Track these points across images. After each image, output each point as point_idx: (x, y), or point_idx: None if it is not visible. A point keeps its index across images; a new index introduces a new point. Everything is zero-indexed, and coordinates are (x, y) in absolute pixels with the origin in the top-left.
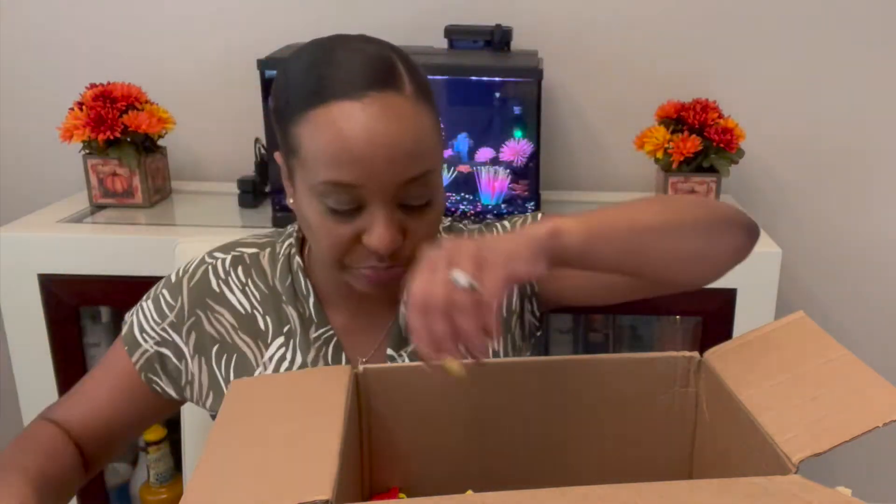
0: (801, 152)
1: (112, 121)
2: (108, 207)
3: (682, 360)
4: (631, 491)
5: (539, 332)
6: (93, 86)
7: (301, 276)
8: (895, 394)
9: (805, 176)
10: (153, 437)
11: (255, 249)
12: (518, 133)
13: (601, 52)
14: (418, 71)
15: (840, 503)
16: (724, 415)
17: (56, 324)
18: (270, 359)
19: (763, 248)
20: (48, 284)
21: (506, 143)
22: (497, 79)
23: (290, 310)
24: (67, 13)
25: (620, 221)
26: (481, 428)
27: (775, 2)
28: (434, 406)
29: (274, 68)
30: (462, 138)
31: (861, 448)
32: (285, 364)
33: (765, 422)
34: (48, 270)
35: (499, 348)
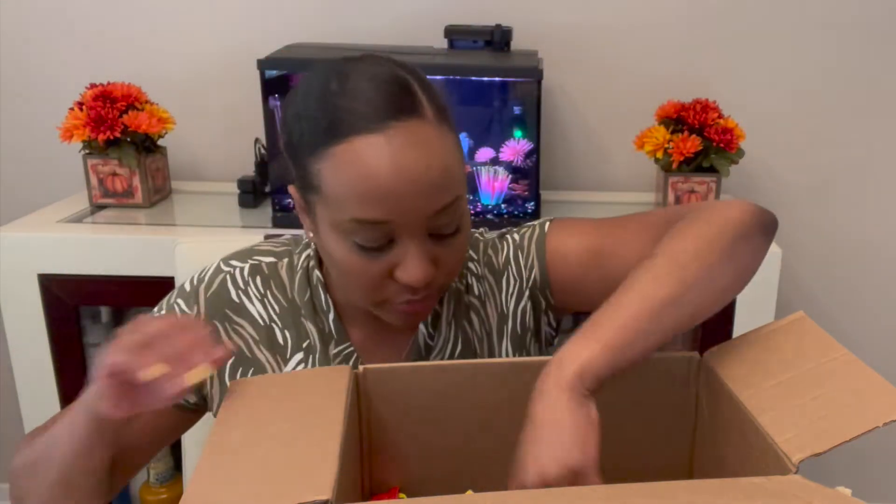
0: (801, 152)
1: (112, 121)
2: (108, 207)
3: (682, 360)
4: (631, 491)
5: (556, 339)
6: (93, 86)
7: (321, 291)
8: (895, 393)
9: (805, 176)
10: None
11: (273, 259)
12: (518, 133)
13: (601, 53)
14: (433, 89)
15: (840, 503)
16: (724, 415)
17: (56, 324)
18: None
19: None
20: (48, 284)
21: (506, 143)
22: (497, 79)
23: (310, 325)
24: (67, 13)
25: (638, 319)
26: (481, 428)
27: (775, 2)
28: (434, 406)
29: (274, 68)
30: (462, 138)
31: (861, 448)
32: None
33: (765, 422)
34: (48, 270)
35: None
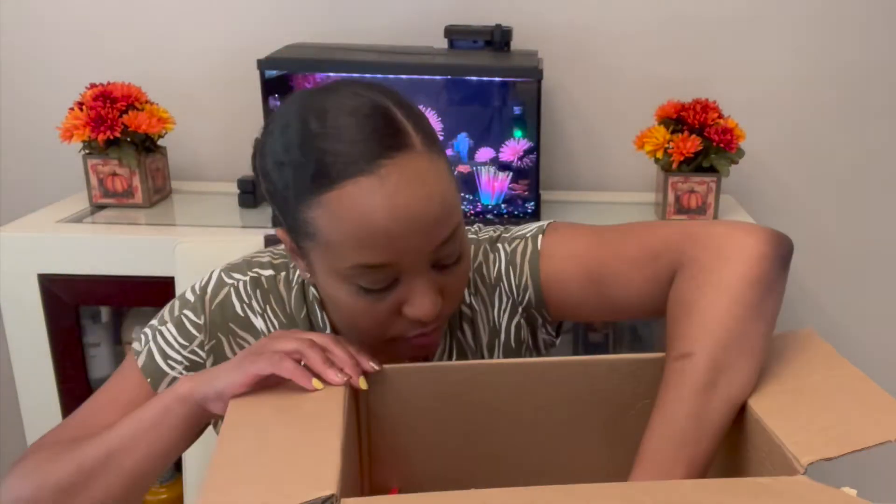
0: (801, 152)
1: (112, 121)
2: (108, 207)
3: None
4: (632, 490)
5: (557, 342)
6: (93, 86)
7: (317, 309)
8: None
9: (805, 176)
10: None
11: (271, 272)
12: (518, 133)
13: (601, 53)
14: (416, 113)
15: None
16: None
17: (56, 324)
18: None
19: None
20: (48, 284)
21: (506, 143)
22: (497, 79)
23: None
24: (68, 13)
25: (696, 452)
26: (481, 428)
27: (775, 2)
28: (433, 407)
29: (274, 68)
30: (462, 138)
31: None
32: None
33: (772, 424)
34: (48, 270)
35: None
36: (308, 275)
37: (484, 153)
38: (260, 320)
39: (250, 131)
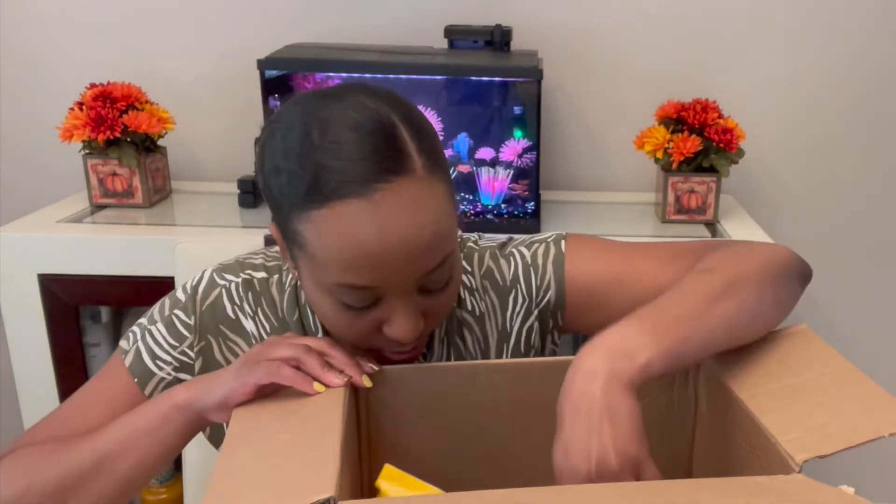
0: (801, 152)
1: (112, 121)
2: (108, 207)
3: None
4: (631, 490)
5: (556, 351)
6: (93, 86)
7: (309, 312)
8: None
9: (805, 176)
10: None
11: (264, 274)
12: (518, 133)
13: (601, 52)
14: (423, 128)
15: (844, 502)
16: (724, 415)
17: (56, 324)
18: None
19: None
20: (48, 284)
21: (506, 143)
22: (497, 79)
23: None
24: (67, 13)
25: (694, 331)
26: (481, 429)
27: (775, 2)
28: (433, 407)
29: (274, 68)
30: (462, 138)
31: (863, 448)
32: None
33: (767, 422)
34: (48, 270)
35: None
36: (297, 273)
37: (484, 153)
38: (251, 323)
39: (250, 131)
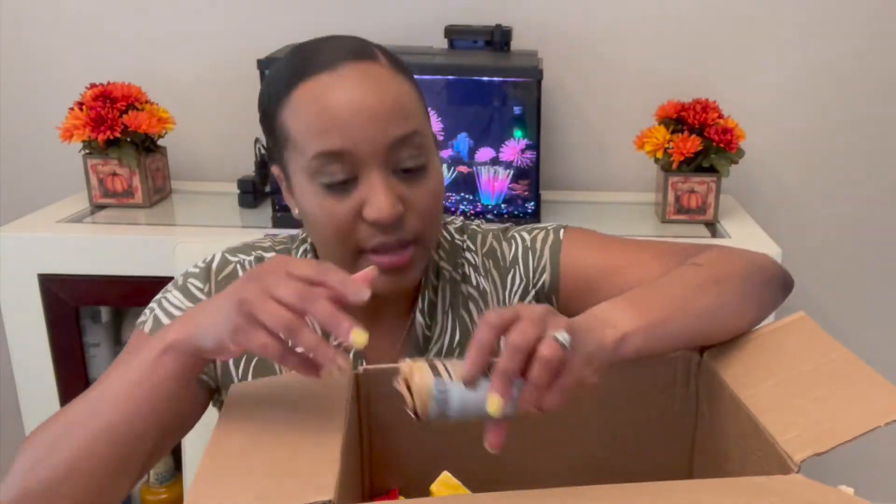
0: (801, 152)
1: (112, 121)
2: (108, 207)
3: (682, 360)
4: (631, 491)
5: None
6: (93, 86)
7: None
8: (895, 393)
9: (805, 176)
10: None
11: (274, 253)
12: (518, 133)
13: (601, 52)
14: (397, 57)
15: (843, 502)
16: (725, 415)
17: (56, 324)
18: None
19: (763, 248)
20: (48, 284)
21: (506, 143)
22: (497, 79)
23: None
24: (67, 13)
25: (676, 314)
26: (481, 429)
27: (775, 2)
28: None
29: None
30: (462, 138)
31: (863, 447)
32: None
33: (766, 422)
34: (48, 270)
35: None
36: (297, 210)
37: (484, 153)
38: None
39: (250, 131)
